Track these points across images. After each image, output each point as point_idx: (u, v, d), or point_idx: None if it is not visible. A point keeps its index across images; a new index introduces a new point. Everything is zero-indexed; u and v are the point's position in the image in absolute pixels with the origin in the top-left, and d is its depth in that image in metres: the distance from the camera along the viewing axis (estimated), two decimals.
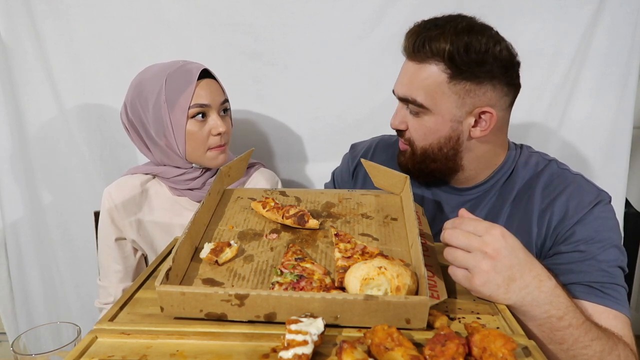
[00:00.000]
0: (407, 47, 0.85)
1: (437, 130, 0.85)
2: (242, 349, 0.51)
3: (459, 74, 0.80)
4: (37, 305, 1.50)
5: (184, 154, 1.02)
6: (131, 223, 1.07)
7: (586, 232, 0.80)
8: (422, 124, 0.86)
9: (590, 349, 0.65)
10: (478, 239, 0.62)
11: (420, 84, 0.83)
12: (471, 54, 0.79)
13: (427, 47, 0.80)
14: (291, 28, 1.28)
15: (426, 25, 0.83)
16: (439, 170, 0.89)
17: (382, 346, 0.47)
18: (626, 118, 1.28)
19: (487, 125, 0.84)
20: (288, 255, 0.67)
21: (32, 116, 1.35)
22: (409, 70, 0.85)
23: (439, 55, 0.80)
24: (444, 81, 0.81)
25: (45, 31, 1.29)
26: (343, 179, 1.11)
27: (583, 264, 0.78)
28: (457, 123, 0.84)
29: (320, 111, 1.35)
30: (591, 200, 0.82)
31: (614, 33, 1.23)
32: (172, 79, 0.98)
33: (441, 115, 0.84)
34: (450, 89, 0.82)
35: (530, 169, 0.90)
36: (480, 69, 0.80)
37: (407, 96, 0.85)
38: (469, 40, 0.78)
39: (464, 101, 0.82)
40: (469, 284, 0.62)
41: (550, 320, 0.64)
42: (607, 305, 0.75)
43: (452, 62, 0.79)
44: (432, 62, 0.81)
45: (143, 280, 0.68)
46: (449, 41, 0.79)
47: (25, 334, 0.71)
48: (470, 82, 0.81)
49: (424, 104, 0.83)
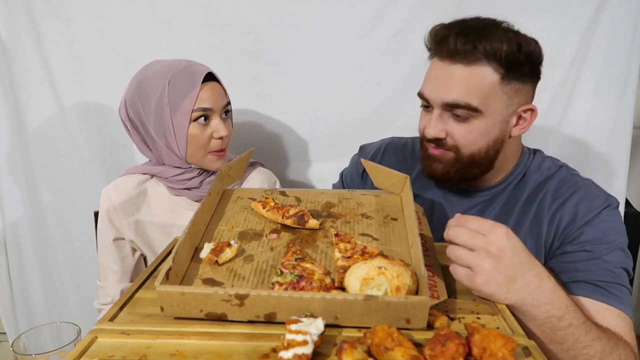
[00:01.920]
0: (452, 49, 0.79)
1: (487, 133, 0.83)
2: (242, 349, 0.51)
3: (511, 73, 0.79)
4: (37, 305, 1.50)
5: (184, 156, 1.02)
6: (129, 223, 1.07)
7: (594, 234, 0.81)
8: (473, 128, 0.82)
9: (591, 349, 0.65)
10: (482, 237, 0.61)
11: (472, 87, 0.79)
12: (522, 53, 0.78)
13: (479, 47, 0.77)
14: (291, 28, 1.28)
15: (466, 24, 0.80)
16: (481, 173, 0.88)
17: (382, 346, 0.47)
18: (626, 118, 1.28)
19: (527, 122, 0.84)
20: (288, 255, 0.67)
21: (32, 116, 1.35)
22: (455, 74, 0.80)
23: (493, 55, 0.77)
24: (496, 82, 0.79)
25: (45, 31, 1.29)
26: (353, 180, 1.10)
27: (589, 262, 0.79)
28: (505, 124, 0.83)
29: (320, 111, 1.35)
30: (600, 204, 0.83)
31: (614, 33, 1.23)
32: (176, 81, 0.97)
33: (492, 118, 0.81)
34: (501, 90, 0.80)
35: (542, 173, 0.90)
36: (527, 67, 0.80)
37: (458, 101, 0.80)
38: (519, 40, 0.78)
39: (512, 101, 0.82)
40: (470, 283, 0.62)
41: (550, 320, 0.64)
42: (611, 304, 0.75)
43: (507, 61, 0.78)
44: (484, 63, 0.78)
45: (143, 280, 0.68)
46: (504, 40, 0.77)
47: (25, 334, 0.71)
48: (518, 82, 0.81)
49: (478, 107, 0.80)
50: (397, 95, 1.31)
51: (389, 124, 1.34)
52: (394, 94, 1.32)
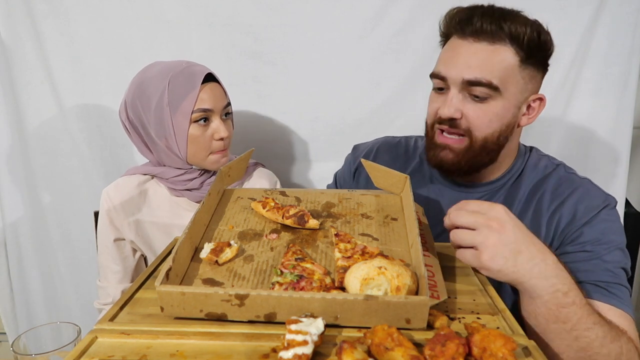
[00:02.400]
0: (478, 27, 0.80)
1: (502, 117, 0.83)
2: (242, 349, 0.51)
3: (530, 58, 0.80)
4: (37, 305, 1.50)
5: (185, 157, 1.02)
6: (130, 224, 1.07)
7: (593, 234, 0.81)
8: (489, 109, 0.82)
9: (593, 332, 0.66)
10: (483, 215, 0.63)
11: (496, 65, 0.80)
12: (542, 40, 0.80)
13: (505, 28, 0.79)
14: (291, 28, 1.28)
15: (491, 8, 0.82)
16: (489, 162, 0.88)
17: (382, 346, 0.47)
18: (626, 118, 1.28)
19: (535, 112, 0.85)
20: (288, 255, 0.67)
21: (32, 116, 1.35)
22: (478, 51, 0.80)
23: (518, 37, 0.79)
24: (516, 64, 0.80)
25: (45, 31, 1.29)
26: (345, 180, 1.11)
27: (589, 263, 0.79)
28: (518, 109, 0.84)
29: (320, 111, 1.35)
30: (599, 204, 0.83)
31: (614, 33, 1.23)
32: (176, 82, 0.97)
33: (508, 100, 0.82)
34: (520, 73, 0.81)
35: (539, 171, 0.91)
36: (542, 55, 0.82)
37: (480, 79, 0.80)
38: (539, 27, 0.80)
39: (526, 87, 0.83)
40: (477, 262, 0.63)
41: (556, 295, 0.64)
42: (613, 304, 0.75)
43: (528, 45, 0.79)
44: (507, 44, 0.79)
45: (143, 280, 0.68)
46: (528, 25, 0.79)
47: (25, 334, 0.71)
48: (534, 68, 0.82)
49: (499, 86, 0.80)
50: (397, 95, 1.31)
51: (389, 124, 1.34)
52: (394, 94, 1.32)
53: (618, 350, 0.67)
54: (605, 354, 0.66)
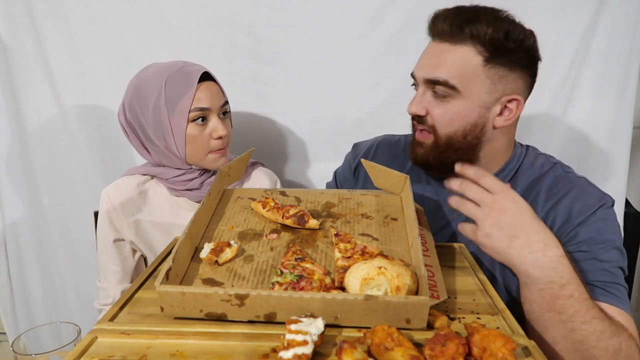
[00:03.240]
0: (439, 29, 0.82)
1: (465, 116, 0.83)
2: (242, 349, 0.51)
3: (496, 58, 0.80)
4: (37, 305, 1.50)
5: (184, 157, 1.02)
6: (129, 224, 1.07)
7: (589, 234, 0.81)
8: (449, 108, 0.83)
9: (590, 326, 0.66)
10: (490, 195, 0.68)
11: (454, 65, 0.81)
12: (510, 41, 0.79)
13: (466, 29, 0.79)
14: (291, 28, 1.28)
15: (461, 9, 0.82)
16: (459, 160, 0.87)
17: (382, 346, 0.47)
18: (626, 118, 1.28)
19: (513, 114, 0.84)
20: (288, 255, 0.67)
21: (32, 116, 1.35)
22: (440, 52, 0.82)
23: (478, 37, 0.79)
24: (479, 64, 0.80)
25: (45, 31, 1.29)
26: (345, 178, 1.11)
27: (585, 263, 0.79)
28: (485, 109, 0.83)
29: (320, 111, 1.35)
30: (594, 203, 0.83)
31: (614, 33, 1.23)
32: (172, 82, 0.97)
33: (471, 100, 0.82)
34: (484, 73, 0.81)
35: (535, 170, 0.90)
36: (516, 55, 0.80)
37: (437, 77, 0.82)
38: (509, 28, 0.79)
39: (495, 87, 0.82)
40: (473, 236, 0.67)
41: (551, 286, 0.65)
42: (611, 303, 0.75)
43: (492, 45, 0.79)
44: (468, 44, 0.80)
45: (143, 280, 0.68)
46: (491, 25, 0.79)
47: (25, 334, 0.71)
48: (504, 68, 0.81)
49: (456, 85, 0.81)
50: (397, 95, 1.31)
51: (389, 124, 1.34)
52: (394, 94, 1.32)
53: (617, 346, 0.67)
54: (603, 348, 0.66)
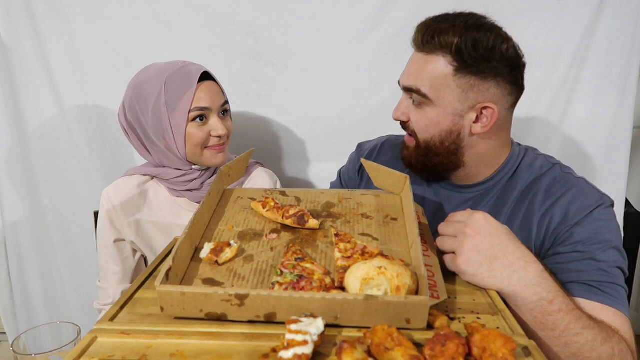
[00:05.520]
0: (416, 39, 0.86)
1: (438, 123, 0.86)
2: (242, 349, 0.51)
3: (465, 67, 0.81)
4: (37, 305, 1.50)
5: (184, 157, 1.02)
6: (130, 224, 1.07)
7: (585, 234, 0.80)
8: (424, 115, 0.87)
9: (582, 337, 0.66)
10: (461, 224, 0.68)
11: (426, 75, 0.84)
12: (478, 49, 0.80)
13: (436, 39, 0.82)
14: (291, 28, 1.28)
15: (437, 19, 0.84)
16: (441, 164, 0.90)
17: (382, 346, 0.47)
18: (626, 118, 1.28)
19: (488, 121, 0.85)
20: (288, 255, 0.67)
21: (32, 116, 1.35)
22: (416, 61, 0.86)
23: (446, 47, 0.81)
24: (449, 74, 0.82)
25: (45, 31, 1.29)
26: (350, 178, 1.12)
27: (581, 263, 0.78)
28: (459, 117, 0.85)
29: (320, 111, 1.35)
30: (592, 204, 0.82)
31: (614, 33, 1.23)
32: (172, 82, 0.98)
33: (443, 108, 0.84)
34: (454, 82, 0.82)
35: (534, 171, 0.90)
36: (486, 64, 0.81)
37: (412, 86, 0.86)
38: (477, 36, 0.80)
39: (467, 95, 0.83)
40: (454, 266, 0.67)
41: (541, 304, 0.65)
42: (605, 303, 0.75)
43: (459, 55, 0.80)
44: (439, 54, 0.82)
45: (143, 280, 0.68)
46: (457, 35, 0.80)
47: (25, 334, 0.71)
48: (475, 77, 0.82)
49: (428, 94, 0.84)
50: (397, 95, 1.30)
51: (389, 124, 1.33)
52: (394, 94, 1.31)
53: (610, 352, 0.67)
54: (596, 357, 0.66)
